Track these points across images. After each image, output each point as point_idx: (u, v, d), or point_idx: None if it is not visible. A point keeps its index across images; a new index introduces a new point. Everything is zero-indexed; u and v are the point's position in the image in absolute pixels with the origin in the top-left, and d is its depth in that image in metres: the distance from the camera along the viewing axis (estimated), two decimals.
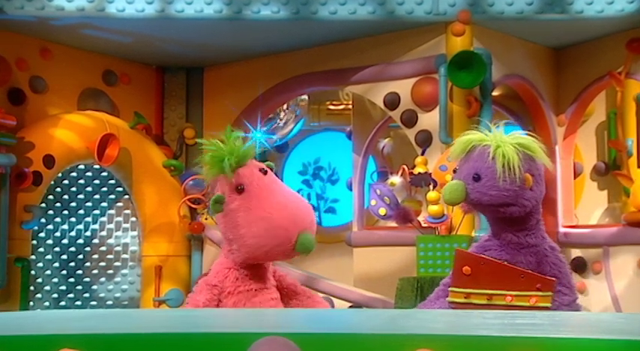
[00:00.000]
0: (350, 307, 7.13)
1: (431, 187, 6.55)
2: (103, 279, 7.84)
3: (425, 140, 7.10)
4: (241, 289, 4.64)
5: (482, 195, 4.48)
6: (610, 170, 8.21)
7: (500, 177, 4.42)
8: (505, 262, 4.29)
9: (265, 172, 4.68)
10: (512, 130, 5.03)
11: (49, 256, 7.58)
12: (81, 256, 7.76)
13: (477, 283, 4.08)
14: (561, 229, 7.71)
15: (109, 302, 7.84)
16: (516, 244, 4.49)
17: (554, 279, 4.19)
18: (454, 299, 4.13)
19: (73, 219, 7.76)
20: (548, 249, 4.53)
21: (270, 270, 4.85)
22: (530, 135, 4.67)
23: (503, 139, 4.53)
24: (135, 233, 7.97)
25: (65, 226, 7.72)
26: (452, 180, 4.60)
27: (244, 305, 4.61)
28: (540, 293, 4.02)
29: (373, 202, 6.76)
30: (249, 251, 4.57)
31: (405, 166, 7.93)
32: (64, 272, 7.66)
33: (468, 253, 4.31)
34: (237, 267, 4.67)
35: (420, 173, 6.74)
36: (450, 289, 4.20)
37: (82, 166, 7.76)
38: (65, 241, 7.70)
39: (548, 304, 4.02)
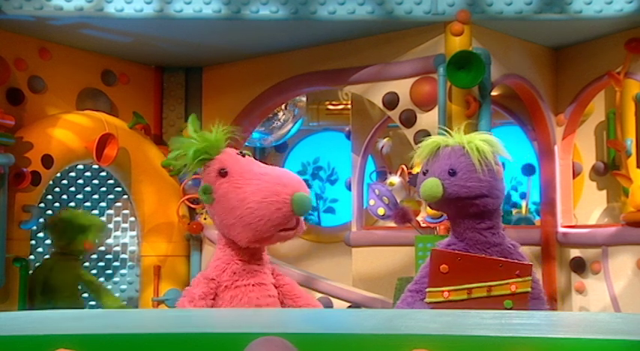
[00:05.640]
0: (349, 307, 7.13)
1: None
2: (101, 279, 7.84)
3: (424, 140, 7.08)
4: (239, 283, 4.64)
5: (461, 187, 4.61)
6: (609, 170, 8.21)
7: (478, 168, 4.56)
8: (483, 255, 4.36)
9: (244, 156, 4.75)
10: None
11: (47, 256, 7.58)
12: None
13: (456, 280, 4.09)
14: (560, 229, 7.71)
15: None
16: (483, 244, 4.59)
17: (531, 263, 4.24)
18: (433, 299, 4.14)
19: None
20: (510, 246, 4.62)
21: (269, 267, 4.85)
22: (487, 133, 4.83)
23: (470, 137, 4.69)
24: (134, 233, 7.97)
25: None
26: (424, 180, 4.72)
27: (241, 300, 4.61)
28: (520, 279, 4.04)
29: (372, 202, 6.76)
30: (252, 229, 4.56)
31: (403, 166, 7.94)
32: None
33: (443, 251, 4.34)
34: (237, 260, 4.68)
35: (418, 173, 6.73)
36: (427, 290, 4.21)
37: (80, 166, 7.76)
38: None
39: (529, 289, 4.04)
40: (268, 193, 4.53)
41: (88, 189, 7.86)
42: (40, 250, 7.53)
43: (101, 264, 7.87)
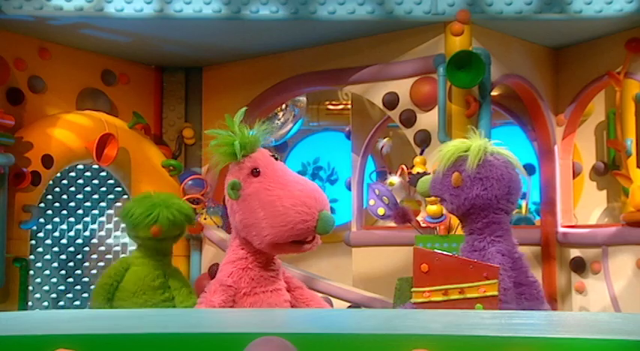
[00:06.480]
0: (349, 307, 7.12)
1: None
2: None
3: (424, 140, 7.10)
4: (257, 290, 4.63)
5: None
6: (609, 170, 8.20)
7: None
8: (456, 255, 4.44)
9: (276, 159, 4.75)
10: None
11: (47, 256, 7.58)
12: (80, 256, 7.75)
13: (435, 280, 4.14)
14: (560, 229, 7.71)
15: None
16: (470, 247, 4.71)
17: (498, 266, 4.24)
18: (416, 300, 4.18)
19: (71, 219, 7.76)
20: (494, 253, 4.59)
21: (281, 271, 4.84)
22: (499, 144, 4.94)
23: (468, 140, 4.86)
24: None
25: (64, 226, 7.71)
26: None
27: (260, 307, 4.59)
28: (487, 282, 4.06)
29: (372, 202, 6.76)
30: (272, 232, 4.53)
31: (403, 166, 7.94)
32: (63, 272, 7.65)
33: (423, 250, 4.39)
34: (254, 266, 4.66)
35: (418, 173, 6.73)
36: (412, 290, 4.25)
37: (80, 166, 7.75)
38: (64, 241, 7.70)
39: (496, 293, 4.06)
40: (299, 202, 4.52)
41: (88, 189, 7.85)
42: (40, 250, 7.53)
43: (101, 264, 7.86)
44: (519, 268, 4.75)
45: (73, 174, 7.77)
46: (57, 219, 7.69)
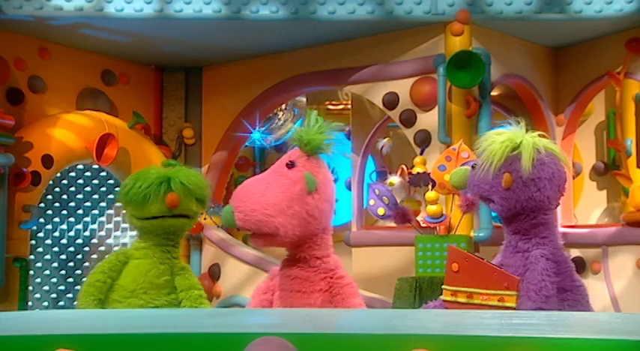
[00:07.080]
0: None
1: (430, 186, 6.54)
2: None
3: (424, 140, 7.10)
4: (284, 287, 4.63)
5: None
6: (609, 170, 8.20)
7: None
8: (484, 260, 4.27)
9: (289, 167, 4.86)
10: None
11: (47, 256, 7.58)
12: (80, 256, 7.76)
13: (462, 281, 4.08)
14: (560, 229, 7.68)
15: None
16: (513, 247, 4.46)
17: (517, 278, 4.11)
18: (444, 297, 4.13)
19: (71, 219, 7.76)
20: (538, 257, 4.41)
21: (322, 275, 4.70)
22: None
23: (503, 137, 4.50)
24: (134, 233, 7.95)
25: (64, 226, 7.71)
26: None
27: (283, 304, 4.58)
28: (507, 292, 3.99)
29: (372, 202, 6.76)
30: None
31: (403, 166, 7.93)
32: (63, 272, 7.66)
33: (456, 248, 4.28)
34: (283, 264, 4.70)
35: (418, 173, 6.73)
36: (442, 286, 4.19)
37: (80, 166, 7.76)
38: (64, 241, 7.70)
39: (514, 304, 3.97)
40: None
41: (88, 189, 7.85)
42: (40, 250, 7.53)
43: None
44: (564, 271, 4.48)
45: (73, 174, 7.78)
46: (57, 219, 7.69)
